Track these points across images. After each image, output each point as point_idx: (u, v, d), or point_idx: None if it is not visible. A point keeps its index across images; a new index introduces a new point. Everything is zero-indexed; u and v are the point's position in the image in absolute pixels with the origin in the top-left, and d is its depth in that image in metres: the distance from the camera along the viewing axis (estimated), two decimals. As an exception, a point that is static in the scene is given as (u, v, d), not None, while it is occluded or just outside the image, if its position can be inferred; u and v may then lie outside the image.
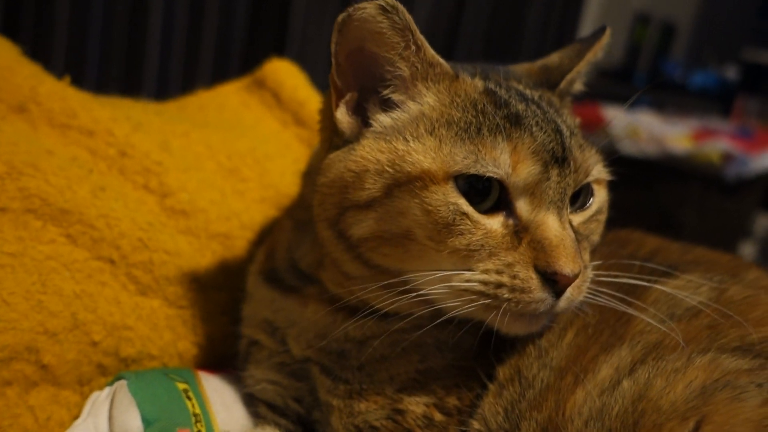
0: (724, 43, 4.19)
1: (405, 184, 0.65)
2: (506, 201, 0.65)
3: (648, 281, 0.73)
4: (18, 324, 0.69)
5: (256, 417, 0.80)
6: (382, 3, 0.64)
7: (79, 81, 0.96)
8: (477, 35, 3.13)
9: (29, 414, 0.69)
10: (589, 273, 0.69)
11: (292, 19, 2.33)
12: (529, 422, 0.64)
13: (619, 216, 0.92)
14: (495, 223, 0.65)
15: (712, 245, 0.85)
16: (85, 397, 0.75)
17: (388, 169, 0.66)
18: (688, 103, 3.53)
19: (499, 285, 0.64)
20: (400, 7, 0.65)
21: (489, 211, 0.65)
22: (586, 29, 3.92)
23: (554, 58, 0.82)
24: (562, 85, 0.78)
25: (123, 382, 0.73)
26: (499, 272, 0.64)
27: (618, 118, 3.15)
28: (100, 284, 0.78)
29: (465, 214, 0.64)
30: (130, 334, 0.79)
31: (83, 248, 0.78)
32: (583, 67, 0.79)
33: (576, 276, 0.64)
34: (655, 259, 0.78)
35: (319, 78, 1.31)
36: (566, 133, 0.69)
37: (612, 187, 0.79)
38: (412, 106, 0.69)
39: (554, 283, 0.64)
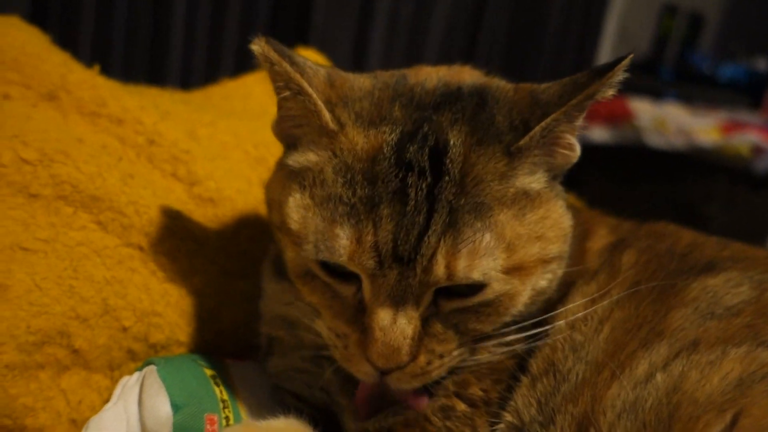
0: (753, 34, 4.09)
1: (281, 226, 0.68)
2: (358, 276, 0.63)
3: (687, 277, 0.71)
4: (50, 309, 0.70)
5: (282, 405, 0.80)
6: (261, 52, 0.65)
7: (105, 70, 0.97)
8: (501, 24, 3.09)
9: (61, 397, 0.70)
10: (446, 361, 0.66)
11: (315, 9, 2.33)
12: (564, 416, 0.63)
13: (645, 209, 0.91)
14: (346, 290, 0.65)
15: (739, 240, 0.83)
16: (115, 381, 0.76)
17: (276, 206, 0.70)
18: (716, 95, 3.46)
19: (334, 345, 0.67)
20: (275, 57, 0.65)
21: (347, 278, 0.64)
22: (611, 22, 3.86)
23: (547, 90, 0.67)
24: (522, 142, 0.64)
25: (152, 368, 0.73)
26: (336, 335, 0.67)
27: (645, 110, 3.10)
28: (130, 270, 0.79)
29: (317, 276, 0.66)
30: (159, 320, 0.79)
31: (113, 235, 0.79)
32: (551, 121, 0.63)
33: (398, 368, 0.63)
34: (693, 254, 0.77)
35: (343, 66, 1.31)
36: (435, 230, 0.60)
37: (638, 181, 0.75)
38: (305, 153, 0.68)
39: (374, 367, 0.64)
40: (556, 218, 0.68)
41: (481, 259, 0.61)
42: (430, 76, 0.72)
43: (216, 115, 1.03)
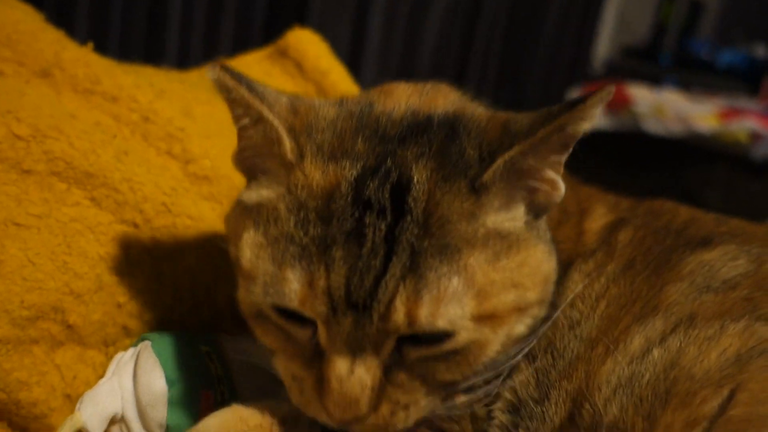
0: (752, 20, 4.07)
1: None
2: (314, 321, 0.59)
3: (683, 252, 0.71)
4: (44, 284, 0.69)
5: (276, 382, 0.80)
6: (217, 78, 0.62)
7: (101, 51, 0.96)
8: (500, 11, 3.08)
9: (56, 372, 0.70)
10: (412, 412, 0.61)
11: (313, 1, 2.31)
12: (558, 392, 0.63)
13: (643, 196, 0.90)
14: (301, 334, 0.60)
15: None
16: (109, 357, 0.76)
17: (232, 240, 0.65)
18: (715, 81, 3.45)
19: (290, 387, 0.63)
20: (231, 83, 0.61)
21: (301, 321, 0.59)
22: (610, 8, 3.84)
23: (520, 120, 0.62)
24: (485, 177, 0.59)
25: (147, 343, 0.73)
26: (293, 377, 0.63)
27: (643, 96, 3.10)
28: (124, 247, 0.78)
29: (269, 318, 0.62)
30: (154, 297, 0.79)
31: (107, 211, 0.79)
32: (516, 153, 0.58)
33: (356, 420, 0.59)
34: (689, 229, 0.76)
35: (340, 48, 1.30)
36: (393, 274, 0.55)
37: (636, 167, 0.74)
38: (260, 188, 0.65)
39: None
40: (535, 264, 0.63)
41: (447, 306, 0.56)
42: (399, 103, 0.67)
43: (213, 93, 1.01)
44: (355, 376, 0.57)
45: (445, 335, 0.58)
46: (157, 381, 0.70)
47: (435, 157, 0.60)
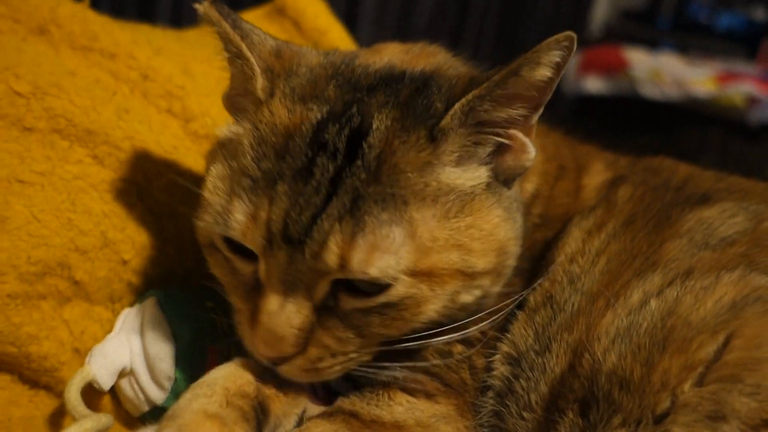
0: (752, -17, 4.02)
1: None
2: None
3: (682, 209, 0.72)
4: (49, 240, 0.70)
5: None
6: (204, 11, 0.64)
7: (94, 8, 0.94)
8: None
9: (64, 327, 0.71)
10: (341, 360, 0.62)
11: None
12: (559, 343, 0.65)
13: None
14: (245, 268, 0.62)
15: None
16: (116, 314, 0.77)
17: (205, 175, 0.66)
18: (713, 45, 3.43)
19: (237, 320, 0.64)
20: (215, 17, 0.63)
21: (247, 255, 0.61)
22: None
23: (485, 73, 0.61)
24: (443, 122, 0.58)
25: (153, 299, 0.74)
26: (236, 311, 0.64)
27: (641, 60, 3.08)
28: (127, 205, 0.79)
29: (219, 249, 0.63)
30: (157, 254, 0.80)
31: (110, 169, 0.79)
32: (472, 97, 0.58)
33: (282, 359, 0.60)
34: (688, 186, 0.77)
35: (336, 6, 1.28)
36: (330, 214, 0.55)
37: (632, 131, 0.74)
38: (233, 124, 0.66)
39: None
40: (488, 229, 0.61)
41: (383, 254, 0.56)
42: (382, 59, 0.68)
43: (211, 51, 1.01)
44: (284, 312, 0.58)
45: (379, 286, 0.57)
46: (164, 336, 0.71)
47: (399, 107, 0.60)
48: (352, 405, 0.65)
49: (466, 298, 0.63)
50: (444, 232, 0.59)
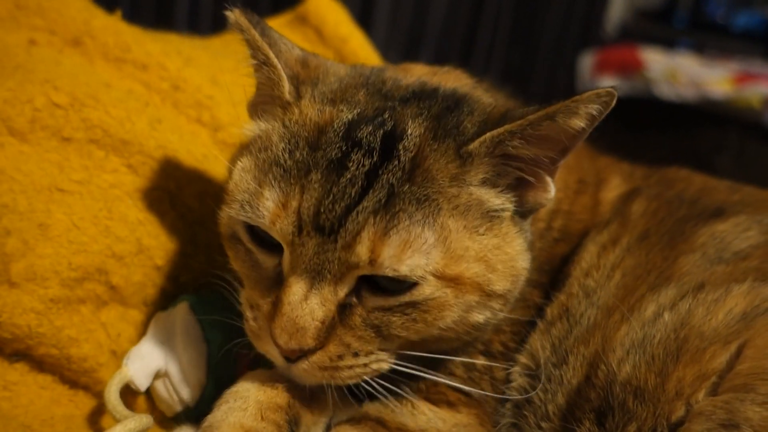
0: (771, -19, 3.98)
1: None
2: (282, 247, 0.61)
3: (696, 223, 0.73)
4: (88, 247, 0.73)
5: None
6: (234, 19, 0.66)
7: (111, 12, 0.97)
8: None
9: (102, 330, 0.74)
10: (361, 361, 0.61)
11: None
12: (576, 357, 0.67)
13: (655, 161, 0.92)
14: (267, 261, 0.62)
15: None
16: (149, 317, 0.80)
17: (228, 174, 0.68)
18: (730, 45, 3.40)
19: (246, 318, 0.65)
20: (245, 24, 0.66)
21: (270, 248, 0.62)
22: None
23: (521, 109, 0.64)
24: (471, 146, 0.61)
25: (186, 304, 0.77)
26: (250, 307, 0.64)
27: (656, 60, 3.07)
28: (160, 213, 0.82)
29: (241, 241, 0.65)
30: (188, 260, 0.83)
31: (144, 178, 0.82)
32: (504, 131, 0.60)
33: (301, 352, 0.59)
34: (702, 199, 0.79)
35: (350, 8, 1.30)
36: (366, 207, 0.57)
37: (649, 132, 0.74)
38: (259, 123, 0.69)
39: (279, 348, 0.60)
40: (511, 254, 0.64)
41: (414, 253, 0.57)
42: (412, 75, 0.71)
43: (236, 61, 1.03)
44: (308, 304, 0.58)
45: (405, 285, 0.58)
46: (196, 339, 0.74)
47: (432, 119, 0.63)
48: (378, 412, 0.67)
49: (477, 317, 0.64)
50: (474, 245, 0.61)
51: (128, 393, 0.73)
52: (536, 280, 0.71)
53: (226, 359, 0.75)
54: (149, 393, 0.76)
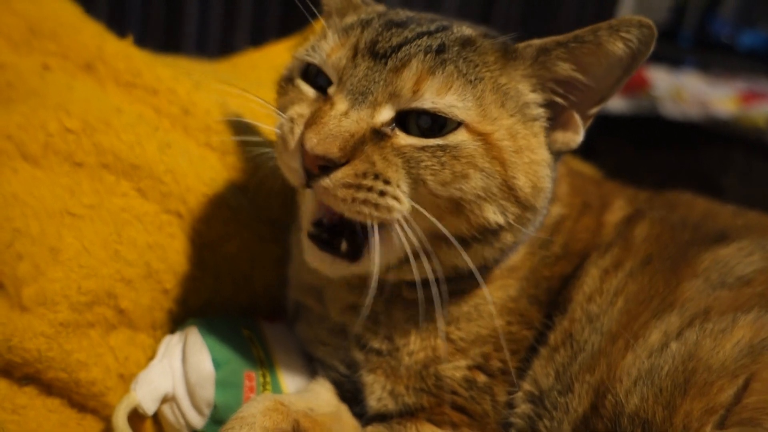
0: (776, 0, 4.00)
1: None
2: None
3: (699, 248, 0.74)
4: (98, 271, 0.74)
5: (313, 365, 0.84)
6: None
7: (120, 36, 0.98)
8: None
9: (110, 354, 0.75)
10: (391, 190, 0.61)
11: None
12: (581, 384, 0.67)
13: (661, 180, 0.93)
14: (311, 92, 0.69)
15: (755, 212, 0.85)
16: (157, 340, 0.80)
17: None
18: (736, 63, 3.41)
19: (281, 135, 0.66)
20: None
21: (318, 88, 0.69)
22: (631, -14, 3.78)
23: None
24: (520, 45, 0.68)
25: (194, 327, 0.78)
26: (289, 119, 0.66)
27: (662, 79, 3.08)
28: (169, 236, 0.83)
29: (291, 79, 0.72)
30: (197, 283, 0.84)
31: (153, 202, 0.83)
32: (552, 42, 0.67)
33: (326, 162, 0.60)
34: (704, 224, 0.79)
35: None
36: (419, 45, 0.64)
37: (654, 150, 0.75)
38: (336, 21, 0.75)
39: (303, 156, 0.61)
40: (536, 160, 0.66)
41: (453, 96, 0.62)
42: None
43: (246, 85, 1.05)
44: (346, 117, 0.62)
45: (441, 126, 0.62)
46: (205, 362, 0.74)
47: (478, 31, 0.71)
48: None
49: (490, 215, 0.65)
50: (506, 120, 0.65)
51: (136, 417, 0.74)
52: (534, 295, 0.71)
53: (233, 381, 0.75)
54: (157, 417, 0.77)
